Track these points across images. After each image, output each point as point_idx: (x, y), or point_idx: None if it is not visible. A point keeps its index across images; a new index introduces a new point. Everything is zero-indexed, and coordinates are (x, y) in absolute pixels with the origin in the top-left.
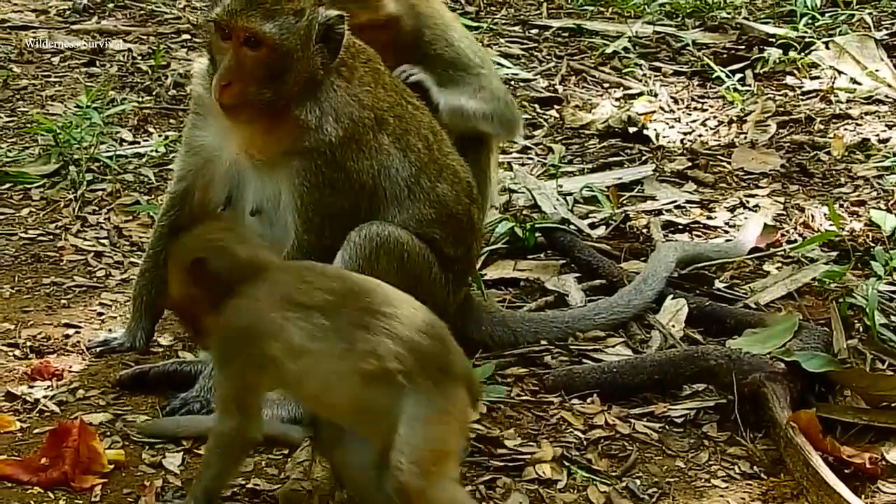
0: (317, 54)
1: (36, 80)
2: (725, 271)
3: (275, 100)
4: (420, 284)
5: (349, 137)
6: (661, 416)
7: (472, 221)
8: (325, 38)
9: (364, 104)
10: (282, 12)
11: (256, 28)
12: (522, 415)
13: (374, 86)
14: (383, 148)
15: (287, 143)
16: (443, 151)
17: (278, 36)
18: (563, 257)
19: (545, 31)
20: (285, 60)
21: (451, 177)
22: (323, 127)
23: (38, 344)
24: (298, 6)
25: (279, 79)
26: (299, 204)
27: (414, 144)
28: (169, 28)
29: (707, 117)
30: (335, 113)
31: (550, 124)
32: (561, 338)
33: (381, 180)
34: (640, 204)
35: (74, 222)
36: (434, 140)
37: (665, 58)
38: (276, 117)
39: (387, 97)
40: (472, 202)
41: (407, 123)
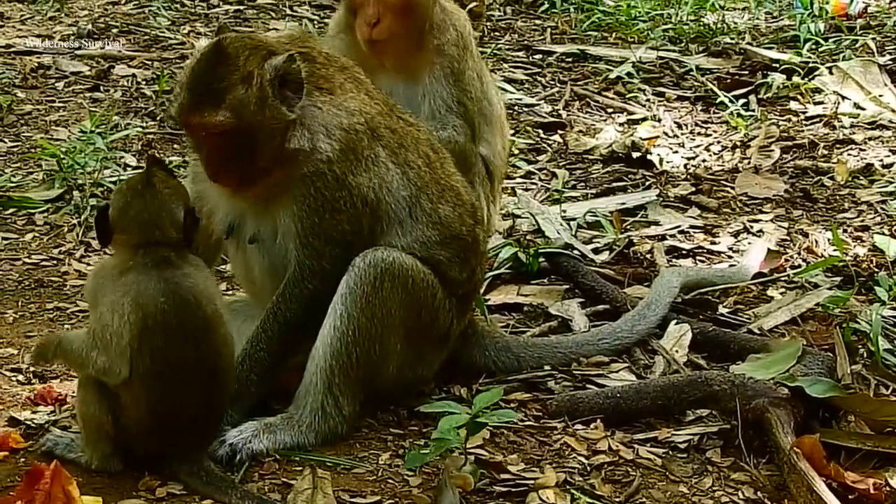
0: (282, 104)
1: (40, 105)
2: (729, 296)
3: (261, 162)
4: (424, 310)
5: (345, 149)
6: (665, 442)
7: (476, 242)
8: (283, 84)
9: (352, 110)
10: (231, 87)
11: (208, 122)
12: (525, 440)
13: (356, 91)
14: (380, 160)
15: (283, 176)
16: (445, 171)
17: (233, 117)
18: (567, 282)
19: (549, 56)
20: (252, 129)
21: (453, 198)
22: (317, 147)
23: (41, 369)
24: (245, 71)
25: (256, 145)
26: (299, 228)
27: (413, 161)
28: (173, 53)
29: (711, 142)
30: (325, 129)
31: (554, 149)
32: (565, 363)
33: (383, 195)
34: (644, 229)
35: (78, 247)
36: (435, 158)
37: (669, 83)
38: (269, 168)
39: (373, 104)
40: (477, 223)
41: (402, 138)
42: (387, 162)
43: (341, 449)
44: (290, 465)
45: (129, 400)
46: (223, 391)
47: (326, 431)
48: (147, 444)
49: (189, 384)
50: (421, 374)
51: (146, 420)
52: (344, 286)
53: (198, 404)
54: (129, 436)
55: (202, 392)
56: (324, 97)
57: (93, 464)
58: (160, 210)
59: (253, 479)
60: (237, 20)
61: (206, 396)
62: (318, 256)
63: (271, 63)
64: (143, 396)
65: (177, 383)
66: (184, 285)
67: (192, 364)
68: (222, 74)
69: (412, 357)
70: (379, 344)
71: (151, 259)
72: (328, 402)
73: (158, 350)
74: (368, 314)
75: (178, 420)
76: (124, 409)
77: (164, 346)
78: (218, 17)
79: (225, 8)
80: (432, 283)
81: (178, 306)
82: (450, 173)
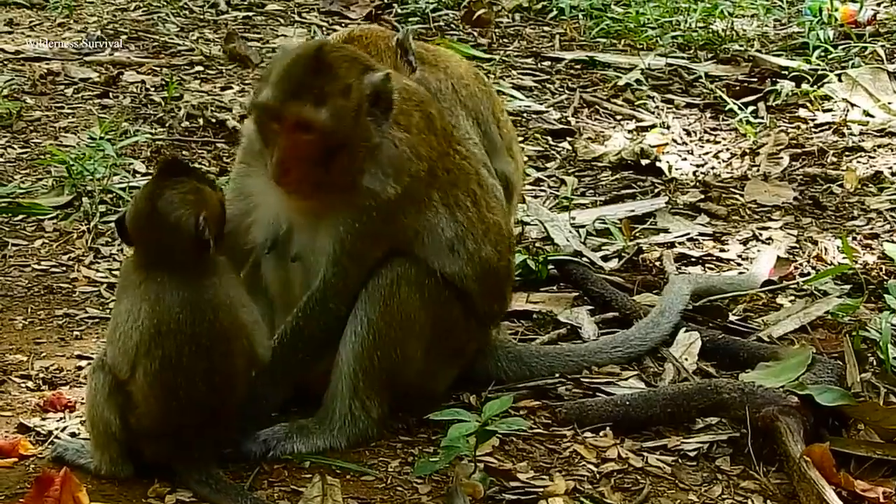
0: (370, 122)
1: (49, 111)
2: (738, 304)
3: (337, 177)
4: (440, 322)
5: (405, 193)
6: (674, 450)
7: (509, 275)
8: (374, 103)
9: (420, 155)
10: (331, 94)
11: (307, 115)
12: (535, 448)
13: (427, 132)
14: (432, 203)
15: (340, 198)
16: (489, 206)
17: (330, 121)
18: (576, 290)
19: (558, 63)
20: (342, 140)
21: (495, 236)
22: (384, 188)
23: (51, 376)
24: (345, 83)
25: (337, 157)
26: (337, 250)
27: (462, 201)
28: (182, 60)
29: (720, 149)
30: (395, 171)
31: (563, 156)
32: (577, 372)
33: (425, 234)
34: (653, 236)
35: (87, 254)
36: (481, 194)
37: (678, 90)
38: (339, 188)
39: (438, 145)
40: (512, 254)
41: (455, 176)
42: (437, 205)
43: (350, 456)
44: (298, 472)
45: (140, 400)
46: (236, 401)
47: (357, 435)
48: (156, 449)
49: (200, 392)
50: (435, 387)
51: (155, 423)
52: (363, 292)
53: (208, 413)
54: (137, 438)
55: (213, 401)
56: (400, 134)
57: (101, 469)
58: (167, 218)
59: (262, 486)
60: (246, 27)
61: (218, 405)
62: (344, 276)
63: (370, 79)
64: (153, 399)
65: (187, 390)
66: (203, 297)
67: (203, 373)
68: (323, 81)
69: (429, 367)
70: (399, 347)
71: (171, 265)
72: (355, 406)
73: (169, 357)
74: (387, 318)
75: (187, 426)
76: (134, 410)
77: (175, 354)
78: (227, 23)
79: (234, 14)
80: (450, 299)
81: (194, 318)
82: (492, 207)
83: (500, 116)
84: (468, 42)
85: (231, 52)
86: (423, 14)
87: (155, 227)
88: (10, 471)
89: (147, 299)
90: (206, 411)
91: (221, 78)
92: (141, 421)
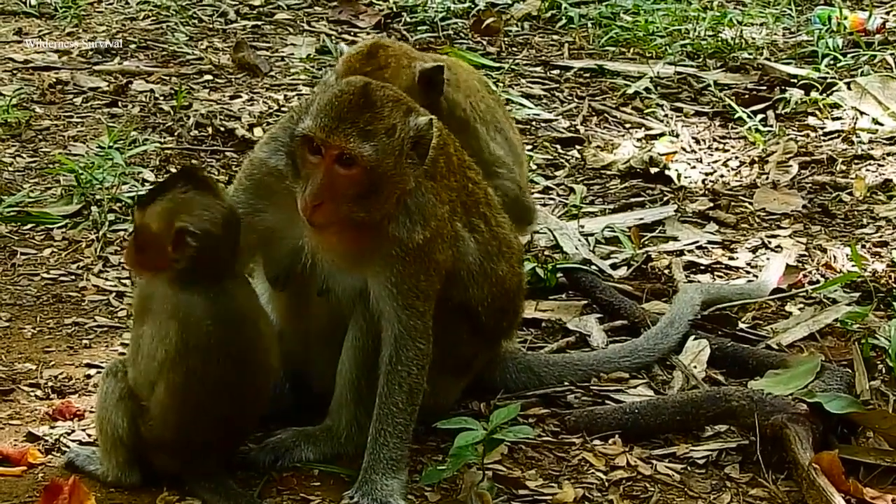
0: (408, 165)
1: (58, 120)
2: (747, 312)
3: (368, 218)
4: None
5: (433, 236)
6: (683, 458)
7: (521, 289)
8: (414, 146)
9: (443, 199)
10: (376, 132)
11: (352, 148)
12: (544, 455)
13: (447, 174)
14: (458, 234)
15: (372, 250)
16: (498, 222)
17: (374, 158)
18: (585, 298)
19: (567, 71)
20: (380, 180)
21: (507, 250)
22: (411, 236)
23: (60, 384)
24: (390, 123)
25: (373, 197)
26: (395, 292)
27: (476, 224)
28: (191, 69)
29: (729, 158)
30: (423, 218)
31: (572, 164)
32: (585, 380)
33: (459, 266)
34: (662, 244)
35: (96, 262)
36: (490, 213)
37: (687, 98)
38: (368, 231)
39: (455, 183)
40: (522, 266)
41: (468, 205)
42: (463, 233)
43: (358, 464)
44: (307, 479)
45: (157, 413)
46: (257, 413)
47: (364, 442)
48: (167, 459)
49: (223, 405)
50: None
51: (170, 434)
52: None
53: (226, 424)
54: (147, 447)
55: (234, 412)
56: (427, 183)
57: (108, 475)
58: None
59: (271, 494)
60: (255, 35)
61: (237, 417)
62: (420, 315)
63: (415, 121)
64: (172, 412)
65: (211, 403)
66: (231, 310)
67: (229, 386)
68: (369, 119)
69: (434, 377)
70: None
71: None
72: (360, 414)
73: (195, 370)
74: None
75: (203, 438)
76: (149, 420)
77: (201, 368)
78: (236, 32)
79: (243, 24)
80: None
81: (224, 331)
82: (500, 222)
83: (511, 122)
84: (477, 51)
85: (240, 62)
86: (431, 23)
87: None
88: (18, 479)
89: (176, 317)
90: (227, 424)
91: (230, 87)
92: (153, 431)
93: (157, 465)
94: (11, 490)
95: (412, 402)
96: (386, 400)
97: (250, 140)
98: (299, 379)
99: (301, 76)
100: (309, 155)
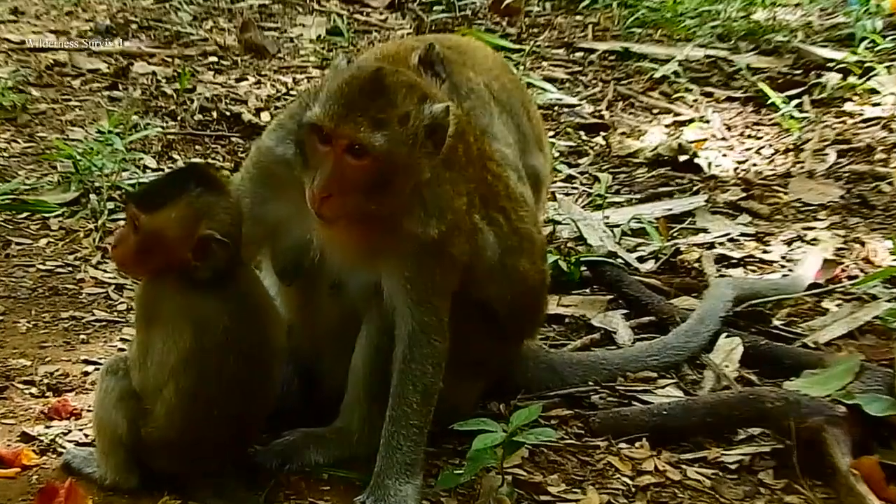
0: (423, 155)
1: (56, 104)
2: (782, 308)
3: (381, 211)
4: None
5: (450, 229)
6: (714, 462)
7: (544, 285)
8: (430, 135)
9: (460, 191)
10: (389, 120)
11: (363, 138)
12: (567, 459)
13: (465, 165)
14: (477, 228)
15: (384, 245)
16: (518, 215)
17: (386, 148)
18: (610, 293)
19: (591, 54)
20: (393, 171)
21: (529, 246)
22: (426, 231)
23: (56, 381)
24: (403, 110)
25: (385, 189)
26: (409, 288)
27: (495, 218)
28: (195, 50)
29: (762, 145)
30: (439, 211)
31: (596, 152)
32: (611, 380)
33: (476, 262)
34: (692, 237)
35: (95, 253)
36: (510, 206)
37: (717, 82)
38: (380, 226)
39: (473, 173)
40: (545, 263)
41: (487, 198)
42: (481, 226)
43: (371, 467)
44: (317, 483)
45: (163, 413)
46: (264, 407)
47: (377, 445)
48: (169, 461)
49: (233, 401)
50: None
51: (175, 435)
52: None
53: (233, 425)
54: (147, 449)
55: (243, 412)
56: (445, 174)
57: (106, 478)
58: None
59: (279, 499)
60: (262, 15)
61: (246, 416)
62: (435, 311)
63: (430, 109)
64: (180, 412)
65: (221, 400)
66: (244, 305)
67: (242, 383)
68: (382, 106)
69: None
70: None
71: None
72: (373, 414)
73: (209, 369)
74: None
75: (210, 437)
76: (152, 422)
77: (216, 367)
78: (242, 11)
79: (250, 2)
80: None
81: (238, 327)
82: (522, 216)
83: (530, 108)
84: (496, 32)
85: (246, 42)
86: (448, 3)
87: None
88: (12, 482)
89: (191, 319)
90: (237, 423)
91: (236, 69)
92: (154, 434)
93: (158, 467)
94: (4, 493)
95: (427, 402)
96: (399, 400)
97: (257, 125)
98: (308, 377)
99: (311, 58)
100: (318, 144)
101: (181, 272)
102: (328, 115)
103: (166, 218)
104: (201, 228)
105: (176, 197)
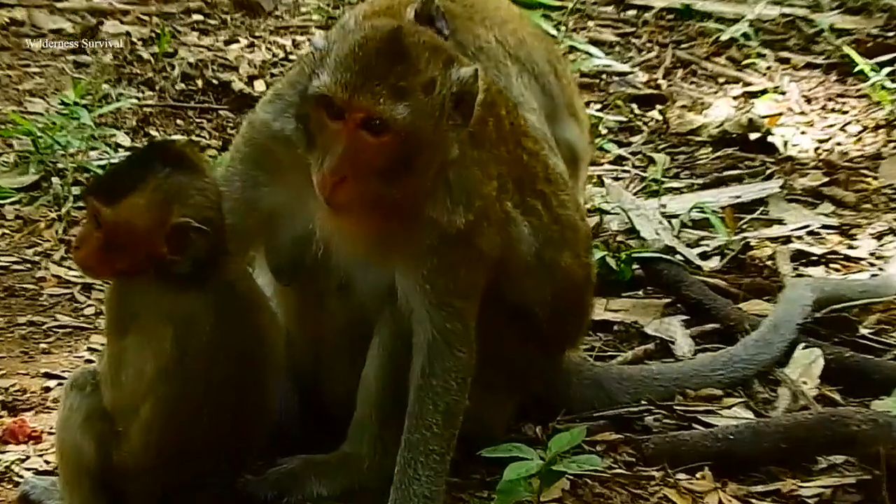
0: (450, 129)
1: (11, 69)
2: (871, 314)
3: (402, 197)
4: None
5: (478, 219)
6: (790, 496)
7: (590, 284)
8: (457, 105)
9: (490, 174)
10: (411, 89)
11: (383, 111)
12: (615, 492)
13: (497, 142)
14: (510, 217)
15: (401, 236)
16: (560, 200)
17: (410, 121)
18: (667, 295)
19: (645, 12)
20: (417, 149)
21: (572, 237)
22: (451, 219)
23: (12, 399)
24: (427, 77)
25: (408, 171)
26: (429, 288)
27: (532, 205)
28: (177, 6)
29: (848, 121)
30: (467, 196)
31: (651, 129)
32: (666, 398)
33: (509, 256)
34: (764, 229)
35: (57, 247)
36: (549, 190)
37: (795, 46)
38: (397, 214)
39: (506, 153)
40: (590, 257)
41: (522, 181)
42: (514, 215)
43: (383, 501)
44: None
45: (138, 435)
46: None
47: (390, 475)
48: (143, 493)
49: (222, 415)
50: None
51: (152, 462)
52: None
53: (222, 446)
54: (119, 474)
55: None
56: (473, 153)
57: None
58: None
59: None
60: None
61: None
62: (459, 316)
63: (457, 74)
64: (158, 432)
65: (207, 414)
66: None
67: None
68: (402, 72)
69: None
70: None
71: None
72: (387, 438)
73: (193, 377)
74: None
75: (191, 465)
76: (125, 445)
77: (201, 372)
78: None
79: None
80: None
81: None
82: (563, 201)
83: (558, 65)
84: None
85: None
86: None
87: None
88: None
89: (171, 321)
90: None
91: (225, 30)
92: (128, 460)
93: (133, 492)
94: None
95: (450, 424)
96: (417, 422)
97: (250, 96)
98: (310, 394)
99: (313, 16)
100: (327, 119)
101: (157, 268)
102: (340, 85)
103: (132, 207)
104: (174, 215)
105: (141, 181)
